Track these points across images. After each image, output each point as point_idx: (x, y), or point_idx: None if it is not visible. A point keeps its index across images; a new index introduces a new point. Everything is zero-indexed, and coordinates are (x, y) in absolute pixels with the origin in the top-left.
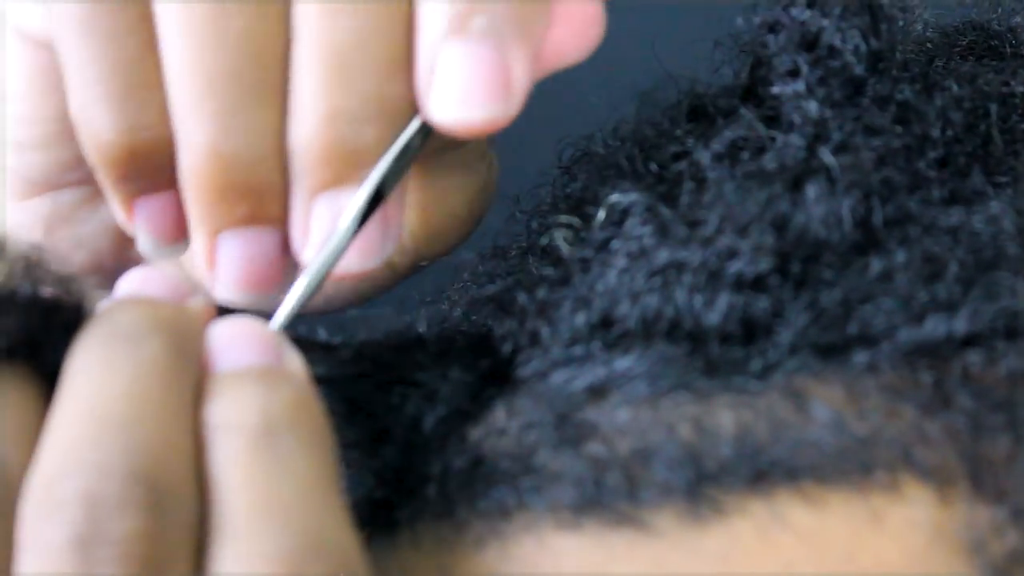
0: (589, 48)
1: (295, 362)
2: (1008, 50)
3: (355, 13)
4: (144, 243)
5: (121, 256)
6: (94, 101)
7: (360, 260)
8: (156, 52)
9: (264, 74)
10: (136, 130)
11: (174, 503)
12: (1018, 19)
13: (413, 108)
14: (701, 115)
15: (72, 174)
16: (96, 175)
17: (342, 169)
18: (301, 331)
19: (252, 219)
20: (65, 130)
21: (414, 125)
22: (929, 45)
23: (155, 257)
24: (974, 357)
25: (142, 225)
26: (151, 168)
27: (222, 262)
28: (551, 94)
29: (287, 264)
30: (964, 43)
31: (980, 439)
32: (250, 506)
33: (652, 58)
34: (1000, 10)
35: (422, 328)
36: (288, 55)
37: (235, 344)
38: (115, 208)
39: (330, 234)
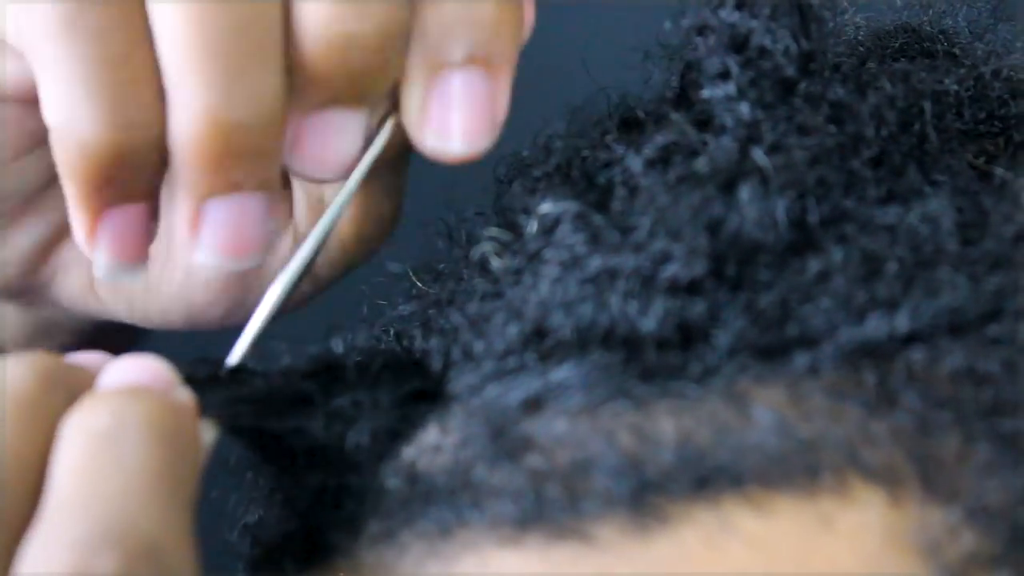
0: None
1: (182, 392)
2: (940, 51)
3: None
4: (101, 262)
5: (30, 282)
6: (80, 101)
7: None
8: (146, 47)
9: (267, 34)
10: (127, 128)
11: None
12: (949, 21)
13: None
14: (632, 123)
15: None
16: (67, 187)
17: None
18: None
19: (244, 185)
20: None
21: (386, 131)
22: (861, 48)
23: (109, 278)
24: (917, 355)
25: (105, 240)
26: (133, 173)
27: (207, 229)
28: None
29: (271, 230)
30: (896, 45)
31: (928, 438)
32: (68, 494)
33: (582, 70)
34: (931, 12)
35: (340, 351)
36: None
37: (119, 370)
38: (76, 224)
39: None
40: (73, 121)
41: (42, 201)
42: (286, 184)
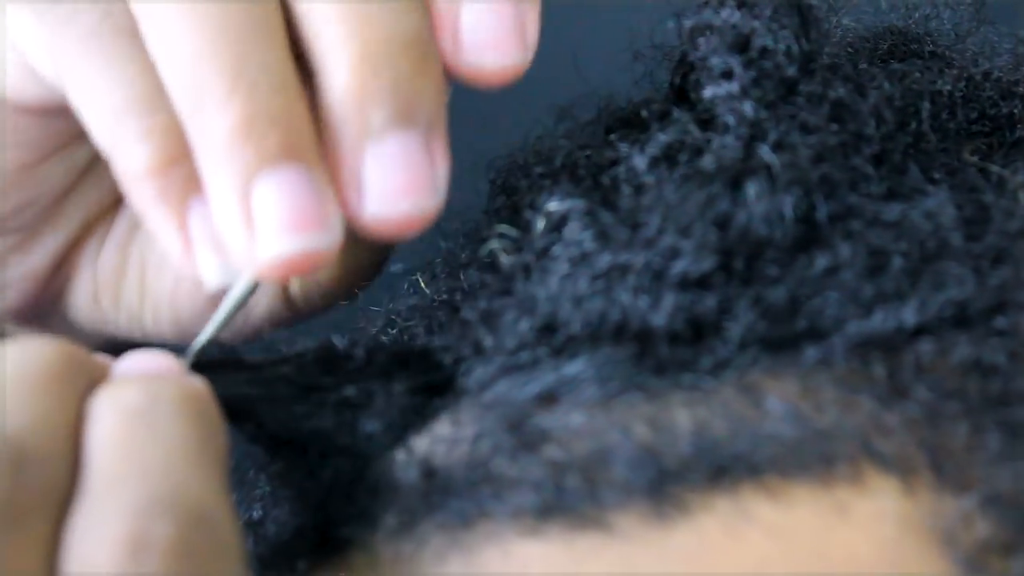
0: None
1: (195, 380)
2: (927, 52)
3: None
4: (204, 258)
5: (41, 301)
6: (120, 125)
7: None
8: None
9: (266, 20)
10: (166, 139)
11: (36, 465)
12: (934, 23)
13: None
14: (632, 122)
15: (8, 223)
16: (134, 200)
17: (395, 114)
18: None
19: (285, 153)
20: (9, 183)
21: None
22: (851, 49)
23: (215, 281)
24: (925, 347)
25: (200, 230)
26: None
27: (260, 209)
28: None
29: (332, 206)
30: (885, 47)
31: (938, 429)
32: (111, 467)
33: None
34: (917, 15)
35: (346, 345)
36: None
37: (132, 361)
38: (166, 235)
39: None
40: (117, 144)
41: (58, 209)
42: None
